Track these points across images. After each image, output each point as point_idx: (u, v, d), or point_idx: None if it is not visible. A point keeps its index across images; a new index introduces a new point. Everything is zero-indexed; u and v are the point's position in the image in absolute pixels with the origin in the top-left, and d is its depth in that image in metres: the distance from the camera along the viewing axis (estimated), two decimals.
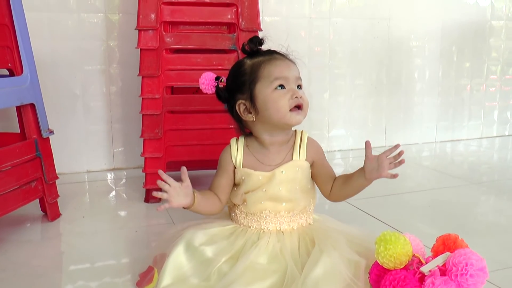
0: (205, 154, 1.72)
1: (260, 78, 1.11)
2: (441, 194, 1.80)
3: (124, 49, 2.13)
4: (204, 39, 1.68)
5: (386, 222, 1.49)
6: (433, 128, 2.81)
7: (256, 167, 1.15)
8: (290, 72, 1.12)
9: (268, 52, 1.16)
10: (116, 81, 2.15)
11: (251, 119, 1.15)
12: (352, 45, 2.54)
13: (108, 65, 2.13)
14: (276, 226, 1.14)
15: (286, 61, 1.14)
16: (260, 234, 1.12)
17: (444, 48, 2.75)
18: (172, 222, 1.51)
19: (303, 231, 1.14)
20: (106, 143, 2.18)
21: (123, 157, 2.20)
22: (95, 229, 1.48)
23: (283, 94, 1.10)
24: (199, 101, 1.69)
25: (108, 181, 2.04)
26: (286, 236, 1.12)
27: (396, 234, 0.99)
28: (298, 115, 1.11)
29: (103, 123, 2.16)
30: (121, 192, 1.87)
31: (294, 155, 1.17)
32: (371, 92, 2.62)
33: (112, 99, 2.15)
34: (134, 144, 2.19)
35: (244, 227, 1.15)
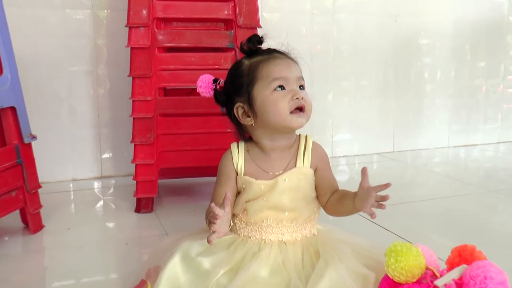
0: (200, 161, 1.72)
1: (258, 79, 1.12)
2: (455, 203, 1.81)
3: (112, 48, 2.14)
4: (199, 36, 1.68)
5: (396, 233, 1.49)
6: (445, 132, 2.82)
7: (258, 175, 1.15)
8: (291, 72, 1.12)
9: (268, 51, 1.16)
10: (104, 83, 2.15)
11: (249, 123, 1.15)
12: (357, 43, 2.55)
13: (95, 65, 2.13)
14: (278, 236, 1.14)
15: (286, 60, 1.14)
16: (261, 245, 1.12)
17: (457, 46, 2.76)
18: (166, 233, 1.51)
19: (307, 242, 1.14)
20: (93, 149, 2.18)
21: (111, 164, 2.20)
22: (81, 242, 1.47)
23: (282, 96, 1.10)
24: (194, 103, 1.69)
25: (95, 190, 2.04)
26: (289, 247, 1.11)
27: (407, 245, 0.99)
28: (299, 117, 1.11)
29: (90, 128, 2.16)
30: (109, 202, 1.87)
31: (297, 161, 1.17)
32: (377, 94, 2.63)
33: (100, 102, 2.15)
34: (124, 150, 2.19)
35: (244, 238, 1.15)
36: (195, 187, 2.05)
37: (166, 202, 1.84)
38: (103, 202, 1.88)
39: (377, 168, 2.45)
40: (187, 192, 1.98)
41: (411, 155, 2.65)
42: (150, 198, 1.71)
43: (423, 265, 0.98)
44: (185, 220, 1.62)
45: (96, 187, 2.07)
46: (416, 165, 2.48)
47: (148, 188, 1.69)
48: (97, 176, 2.19)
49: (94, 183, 2.13)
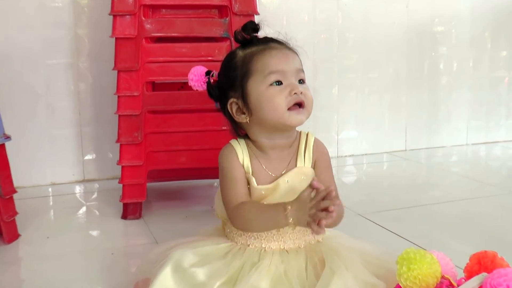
0: (193, 162, 1.73)
1: (253, 72, 1.13)
2: (474, 205, 1.83)
3: (95, 39, 2.15)
4: (191, 25, 1.69)
5: (408, 239, 1.51)
6: (463, 128, 2.84)
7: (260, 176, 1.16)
8: (289, 64, 1.13)
9: (264, 40, 1.17)
10: (85, 77, 2.16)
11: (244, 120, 1.16)
12: (364, 32, 2.57)
13: (76, 57, 2.14)
14: (279, 244, 1.14)
15: (283, 50, 1.15)
16: (261, 254, 1.13)
17: (476, 34, 2.78)
18: (155, 241, 1.53)
19: (311, 249, 1.15)
20: (74, 150, 2.19)
21: (95, 167, 2.21)
22: (61, 252, 1.48)
23: (279, 91, 1.11)
24: (186, 99, 1.71)
25: (77, 195, 2.05)
26: (291, 256, 1.12)
27: (421, 251, 1.00)
28: (298, 114, 1.12)
29: (71, 127, 2.17)
30: (93, 208, 1.88)
31: (298, 161, 1.18)
32: (388, 87, 2.65)
33: (82, 98, 2.16)
34: (108, 151, 2.20)
35: (242, 246, 1.16)
36: (187, 190, 2.06)
37: (155, 207, 1.85)
38: (85, 208, 1.89)
39: (387, 168, 2.47)
40: (179, 196, 1.99)
41: (426, 154, 2.67)
42: (138, 203, 1.72)
43: (438, 274, 0.99)
44: (176, 227, 1.64)
45: (77, 192, 2.09)
46: (431, 164, 2.50)
47: (135, 192, 1.70)
48: (78, 179, 2.20)
49: (75, 187, 2.14)
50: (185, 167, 1.76)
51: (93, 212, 1.84)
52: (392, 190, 2.08)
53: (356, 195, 1.98)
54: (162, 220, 1.71)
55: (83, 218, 1.79)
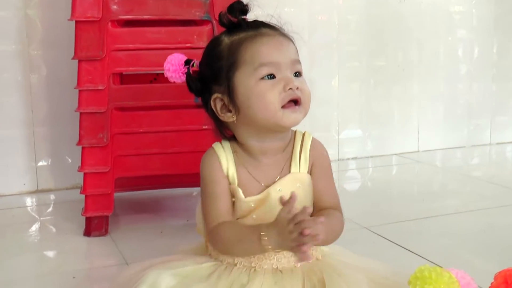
0: (169, 167, 1.75)
1: (241, 63, 1.14)
2: (500, 216, 1.87)
3: (49, 21, 2.16)
4: (165, 6, 1.71)
5: (422, 255, 1.54)
6: (486, 125, 2.88)
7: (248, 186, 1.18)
8: (283, 54, 1.14)
9: (253, 24, 1.18)
10: (38, 67, 2.18)
11: (231, 120, 1.18)
12: (369, 12, 2.60)
13: (26, 44, 2.15)
14: (272, 263, 1.16)
15: (277, 37, 1.16)
16: (250, 274, 1.14)
17: (500, 14, 2.82)
18: (125, 262, 1.55)
19: (309, 269, 1.17)
20: (25, 154, 2.20)
21: (50, 174, 2.23)
22: (12, 277, 1.49)
23: (271, 86, 1.12)
24: (160, 93, 1.72)
25: (28, 208, 2.07)
26: (285, 276, 1.14)
27: (437, 269, 1.03)
28: (294, 112, 1.14)
29: (21, 127, 2.19)
30: (49, 223, 1.90)
31: (292, 165, 1.20)
32: (397, 77, 2.69)
33: (34, 93, 2.18)
34: (67, 155, 2.22)
35: (228, 265, 1.17)
36: (161, 201, 2.08)
37: (124, 221, 1.87)
38: (40, 224, 1.90)
39: (397, 172, 2.51)
40: (151, 209, 2.01)
41: (441, 156, 2.72)
42: (103, 217, 1.74)
43: None
44: (150, 245, 1.65)
45: (30, 205, 2.10)
46: (448, 168, 2.55)
47: (101, 204, 1.72)
48: (31, 190, 2.22)
49: (27, 199, 2.15)
50: (159, 173, 1.78)
51: (49, 229, 1.85)
52: (403, 199, 2.11)
53: (361, 205, 2.01)
54: (132, 237, 1.73)
55: (37, 236, 1.80)
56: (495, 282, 1.08)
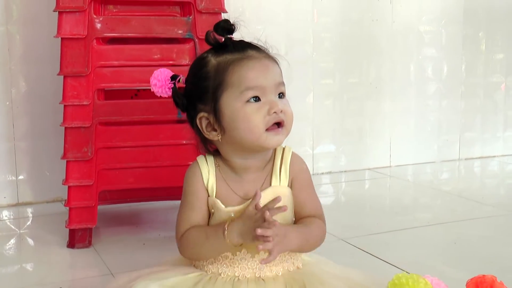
0: (152, 180, 1.79)
1: (227, 85, 1.17)
2: (469, 228, 1.93)
3: (31, 37, 2.19)
4: (149, 24, 1.76)
5: (396, 265, 1.59)
6: (455, 141, 2.96)
7: (228, 198, 1.22)
8: (268, 78, 1.17)
9: (240, 45, 1.21)
10: (20, 82, 2.20)
11: (216, 138, 1.21)
12: (343, 31, 2.66)
13: (8, 59, 2.18)
14: (254, 272, 1.20)
15: (263, 60, 1.19)
16: (234, 283, 1.18)
17: (468, 34, 2.90)
18: (110, 273, 1.58)
19: (291, 277, 1.21)
20: (6, 168, 2.23)
21: (31, 188, 2.25)
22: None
23: (257, 109, 1.16)
24: (143, 109, 1.77)
25: (9, 221, 2.09)
26: (268, 285, 1.18)
27: (414, 276, 1.08)
28: (277, 135, 1.17)
29: (2, 141, 2.21)
30: (30, 236, 1.92)
31: (273, 179, 1.24)
32: (370, 94, 2.75)
33: (15, 107, 2.20)
34: (48, 169, 2.25)
35: (213, 275, 1.21)
36: (142, 214, 2.11)
37: (105, 233, 1.90)
38: (22, 236, 1.92)
39: (370, 187, 2.56)
40: (132, 221, 2.05)
41: (413, 170, 2.78)
42: (87, 229, 1.77)
43: None
44: (133, 256, 1.69)
45: (9, 217, 2.12)
46: (419, 182, 2.61)
47: (84, 217, 1.74)
48: (11, 203, 2.24)
49: (7, 212, 2.17)
50: (141, 187, 1.82)
51: (32, 241, 1.88)
52: (376, 212, 2.18)
53: (336, 217, 2.04)
54: (115, 249, 1.76)
55: (19, 249, 1.83)
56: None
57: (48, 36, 2.15)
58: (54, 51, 2.13)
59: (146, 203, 2.13)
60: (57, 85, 2.05)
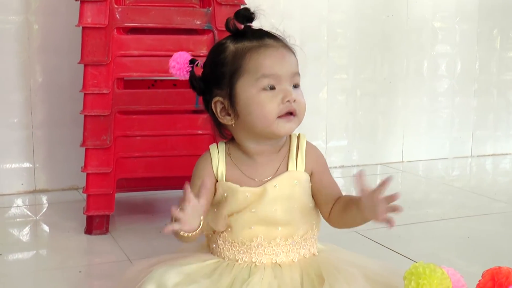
0: (168, 169, 1.81)
1: (244, 72, 1.19)
2: (482, 223, 1.94)
3: (50, 27, 2.21)
4: (168, 14, 1.77)
5: (410, 257, 1.61)
6: (467, 138, 2.96)
7: (242, 182, 1.24)
8: (284, 67, 1.19)
9: (258, 34, 1.23)
10: (39, 71, 2.22)
11: (229, 123, 1.23)
12: (358, 26, 2.67)
13: (27, 48, 2.20)
14: (271, 258, 1.22)
15: (279, 50, 1.21)
16: (251, 269, 1.20)
17: (483, 31, 2.91)
18: (128, 259, 1.60)
19: (307, 264, 1.23)
20: (24, 155, 2.25)
21: (48, 175, 2.27)
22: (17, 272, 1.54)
23: (271, 97, 1.18)
24: (161, 99, 1.79)
25: (27, 207, 2.11)
26: (284, 270, 1.20)
27: (431, 266, 1.10)
28: (288, 122, 1.20)
29: (20, 129, 2.23)
30: (48, 222, 1.94)
31: (290, 164, 1.26)
32: (383, 89, 2.76)
33: (34, 96, 2.22)
34: (64, 157, 2.26)
35: (230, 261, 1.23)
36: (157, 203, 2.14)
37: (121, 221, 1.92)
38: (39, 223, 1.95)
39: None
40: (148, 210, 2.07)
41: (425, 166, 2.79)
42: (104, 216, 1.79)
43: None
44: (150, 244, 1.71)
45: (28, 204, 2.14)
46: (432, 178, 2.62)
47: (102, 204, 1.76)
48: (28, 190, 2.26)
49: (25, 198, 2.19)
50: (158, 175, 1.84)
51: (48, 227, 1.90)
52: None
53: None
54: (132, 236, 1.78)
55: (37, 235, 1.86)
56: (482, 279, 1.14)
57: (66, 25, 2.18)
58: (72, 41, 2.16)
59: (160, 193, 2.15)
60: (75, 75, 2.09)
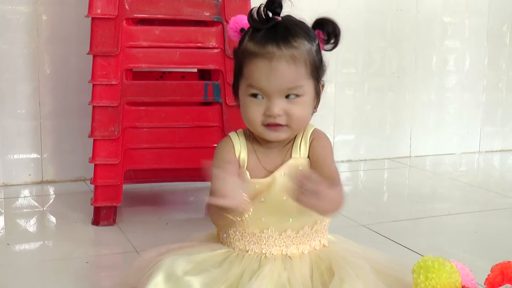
0: (177, 161, 1.81)
1: (242, 74, 1.22)
2: (490, 218, 1.95)
3: (59, 18, 2.21)
4: (177, 6, 1.77)
5: (418, 252, 1.61)
6: (475, 134, 2.96)
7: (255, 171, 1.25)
8: (272, 83, 1.18)
9: (266, 37, 1.20)
10: (47, 62, 2.22)
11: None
12: (366, 20, 2.67)
13: (36, 39, 2.20)
14: (281, 249, 1.23)
15: (274, 62, 1.18)
16: (261, 260, 1.21)
17: (492, 26, 2.91)
18: (135, 250, 1.60)
19: (316, 255, 1.23)
20: (31, 146, 2.25)
21: (56, 166, 2.28)
22: (28, 261, 1.55)
23: (256, 105, 1.20)
24: (170, 90, 1.79)
25: (32, 198, 2.12)
26: (294, 262, 1.21)
27: (439, 259, 1.10)
28: (275, 132, 1.21)
29: (28, 119, 2.23)
30: (55, 213, 1.95)
31: (293, 152, 1.27)
32: (392, 84, 2.76)
33: (42, 86, 2.23)
34: (72, 148, 2.27)
35: (240, 252, 1.23)
36: (164, 195, 2.14)
37: (127, 213, 1.92)
38: (48, 213, 1.96)
39: (389, 176, 2.58)
40: (154, 202, 2.08)
41: (432, 161, 2.79)
42: (112, 207, 1.79)
43: (458, 284, 1.08)
44: (157, 235, 1.72)
45: (35, 195, 2.15)
46: (439, 173, 2.62)
47: (110, 195, 1.77)
48: (36, 180, 2.26)
49: (33, 189, 2.20)
50: (167, 167, 1.84)
51: (55, 218, 1.90)
52: (396, 200, 2.20)
53: (356, 204, 2.06)
54: (139, 227, 1.78)
55: (44, 225, 1.86)
56: (492, 274, 1.14)
57: (75, 16, 2.19)
58: (80, 32, 2.17)
59: (167, 184, 2.15)
60: (83, 66, 2.10)
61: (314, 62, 1.24)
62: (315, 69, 1.25)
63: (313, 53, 1.25)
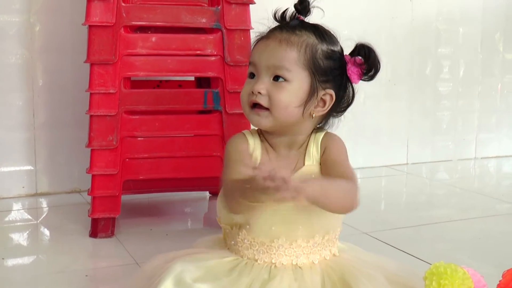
0: (176, 170, 1.79)
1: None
2: (492, 224, 1.94)
3: (53, 27, 2.19)
4: (176, 13, 1.75)
5: (423, 259, 1.60)
6: (471, 141, 2.97)
7: None
8: (262, 56, 1.20)
9: (277, 26, 1.25)
10: (41, 72, 2.20)
11: None
12: (362, 27, 2.66)
13: (30, 48, 2.18)
14: (291, 259, 1.21)
15: (270, 40, 1.21)
16: (271, 270, 1.19)
17: (486, 33, 2.91)
18: (135, 262, 1.58)
19: (327, 266, 1.22)
20: (25, 157, 2.22)
21: (50, 178, 2.25)
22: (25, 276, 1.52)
23: (247, 84, 1.22)
24: (169, 98, 1.77)
25: (26, 211, 2.08)
26: (305, 272, 1.19)
27: (452, 265, 1.09)
28: (256, 115, 1.21)
29: (22, 130, 2.20)
30: (51, 226, 1.92)
31: (306, 159, 1.26)
32: (388, 91, 2.76)
33: (36, 97, 2.20)
34: (68, 159, 2.24)
35: (249, 261, 1.22)
36: (162, 205, 2.12)
37: (127, 224, 1.89)
38: (42, 226, 1.93)
39: (387, 183, 2.57)
40: (152, 213, 2.05)
41: (428, 168, 2.79)
42: (110, 218, 1.76)
43: None
44: (157, 246, 1.68)
45: (29, 207, 2.12)
46: (437, 180, 2.62)
47: (108, 206, 1.74)
48: (30, 193, 2.23)
49: (25, 202, 2.17)
50: (166, 177, 1.81)
51: (52, 231, 1.87)
52: (396, 208, 2.19)
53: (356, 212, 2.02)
54: (138, 239, 1.76)
55: (40, 238, 1.83)
56: (503, 279, 1.13)
57: (69, 25, 2.17)
58: (75, 41, 2.15)
59: (166, 194, 2.12)
60: (77, 76, 2.08)
61: (313, 57, 1.23)
62: (313, 64, 1.22)
63: (317, 49, 1.25)
